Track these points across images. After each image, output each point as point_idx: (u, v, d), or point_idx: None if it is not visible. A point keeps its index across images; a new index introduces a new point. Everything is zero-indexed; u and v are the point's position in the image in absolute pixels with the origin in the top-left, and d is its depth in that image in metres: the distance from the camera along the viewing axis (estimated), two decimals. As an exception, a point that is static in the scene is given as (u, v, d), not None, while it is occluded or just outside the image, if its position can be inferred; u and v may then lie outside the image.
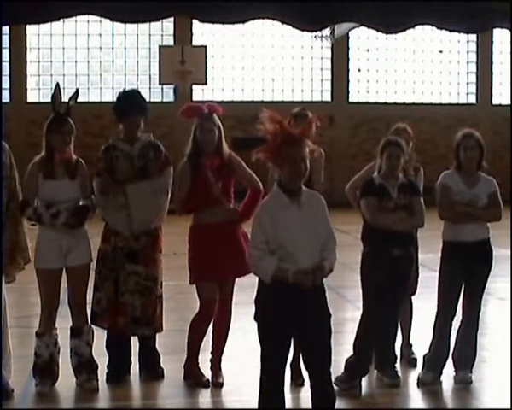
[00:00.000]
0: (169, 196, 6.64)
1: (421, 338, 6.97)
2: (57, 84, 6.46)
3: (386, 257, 6.41)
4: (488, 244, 6.64)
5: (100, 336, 6.70)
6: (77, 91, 6.52)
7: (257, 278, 4.96)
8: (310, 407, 5.09)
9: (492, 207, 6.55)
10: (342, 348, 6.76)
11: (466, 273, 6.47)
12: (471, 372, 6.64)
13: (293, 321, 4.87)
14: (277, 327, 4.87)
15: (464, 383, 6.57)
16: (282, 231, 4.81)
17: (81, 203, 6.35)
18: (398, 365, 6.74)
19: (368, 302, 6.54)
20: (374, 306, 6.46)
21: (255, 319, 4.95)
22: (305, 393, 5.13)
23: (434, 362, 6.60)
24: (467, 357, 6.61)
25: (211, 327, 6.58)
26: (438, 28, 6.88)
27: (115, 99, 6.74)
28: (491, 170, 6.69)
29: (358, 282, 6.63)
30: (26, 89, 24.76)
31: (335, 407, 5.04)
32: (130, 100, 6.62)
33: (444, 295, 6.57)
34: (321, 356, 4.98)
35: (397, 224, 6.40)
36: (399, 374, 6.63)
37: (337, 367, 6.46)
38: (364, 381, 6.61)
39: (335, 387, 5.45)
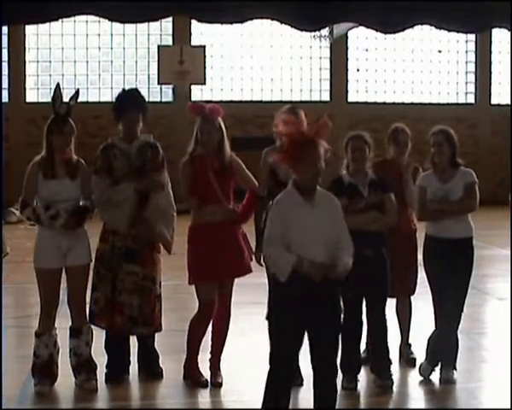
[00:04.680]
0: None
1: (421, 338, 6.97)
2: (57, 85, 6.46)
3: (357, 258, 6.35)
4: (468, 243, 6.58)
5: (99, 337, 6.70)
6: (77, 92, 6.53)
7: (256, 279, 4.98)
8: (309, 406, 5.10)
9: (465, 200, 6.50)
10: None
11: (447, 269, 6.43)
12: (455, 369, 6.63)
13: (306, 319, 4.90)
14: (292, 325, 4.89)
15: (448, 382, 6.55)
16: (294, 229, 4.88)
17: (81, 204, 6.36)
18: (392, 366, 6.67)
19: (344, 302, 6.54)
20: (349, 305, 6.46)
21: (267, 318, 4.99)
22: (305, 393, 5.14)
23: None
24: (448, 354, 6.60)
25: (210, 327, 6.59)
26: (436, 28, 6.86)
27: (114, 99, 6.75)
28: (488, 169, 6.68)
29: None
30: (24, 89, 24.74)
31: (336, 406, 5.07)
32: (128, 97, 6.65)
33: (436, 293, 6.58)
34: (330, 353, 5.03)
35: (369, 224, 6.34)
36: (391, 376, 6.57)
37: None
38: (364, 381, 6.62)
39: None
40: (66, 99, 6.41)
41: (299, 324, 4.93)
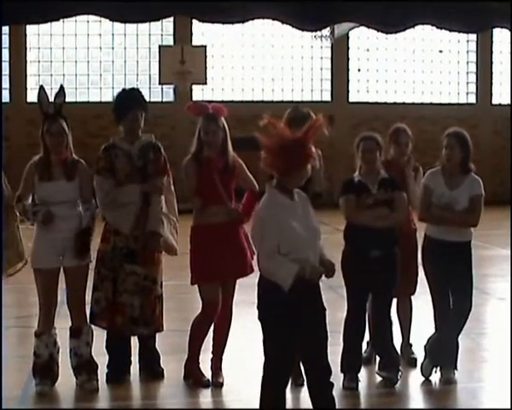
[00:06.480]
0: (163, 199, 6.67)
1: (421, 338, 6.96)
2: (41, 86, 6.42)
3: (366, 257, 6.35)
4: (466, 246, 6.56)
5: (100, 337, 6.70)
6: (61, 88, 6.45)
7: (257, 278, 4.96)
8: (310, 406, 5.09)
9: (469, 213, 6.46)
10: (341, 348, 6.75)
11: (447, 271, 6.43)
12: (455, 369, 6.63)
13: (297, 319, 4.89)
14: (283, 326, 4.88)
15: (449, 383, 6.55)
16: (287, 230, 4.84)
17: (80, 208, 6.34)
18: (400, 364, 6.68)
19: (349, 301, 6.55)
20: (354, 305, 6.47)
21: (259, 318, 4.97)
22: (306, 393, 5.13)
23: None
24: (447, 357, 6.60)
25: (211, 327, 6.59)
26: (438, 28, 6.86)
27: (114, 99, 6.74)
28: (490, 170, 6.68)
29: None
30: (25, 89, 24.72)
31: (335, 406, 5.06)
32: (129, 96, 6.64)
33: (435, 294, 6.58)
34: (321, 353, 5.02)
35: (376, 220, 6.34)
36: (399, 374, 6.58)
37: (335, 367, 6.46)
38: (364, 381, 6.62)
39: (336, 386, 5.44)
40: (67, 99, 6.40)
41: (290, 324, 4.91)
